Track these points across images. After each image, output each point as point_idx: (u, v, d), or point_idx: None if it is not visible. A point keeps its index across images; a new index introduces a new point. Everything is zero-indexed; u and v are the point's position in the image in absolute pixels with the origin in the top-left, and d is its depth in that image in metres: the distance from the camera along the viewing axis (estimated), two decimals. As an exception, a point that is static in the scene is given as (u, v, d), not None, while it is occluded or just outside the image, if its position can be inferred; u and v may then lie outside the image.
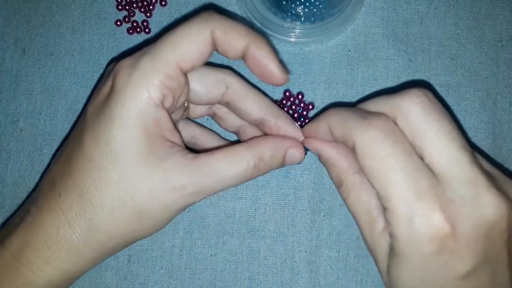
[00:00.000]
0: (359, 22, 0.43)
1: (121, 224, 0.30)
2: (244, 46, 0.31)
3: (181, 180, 0.30)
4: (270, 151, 0.33)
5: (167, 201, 0.30)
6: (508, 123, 0.42)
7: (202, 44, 0.30)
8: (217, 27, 0.30)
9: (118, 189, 0.29)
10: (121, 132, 0.29)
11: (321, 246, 0.40)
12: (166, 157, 0.30)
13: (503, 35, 0.43)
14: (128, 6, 0.45)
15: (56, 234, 0.30)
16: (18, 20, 0.45)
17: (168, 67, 0.30)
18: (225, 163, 0.31)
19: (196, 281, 0.40)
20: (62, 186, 0.30)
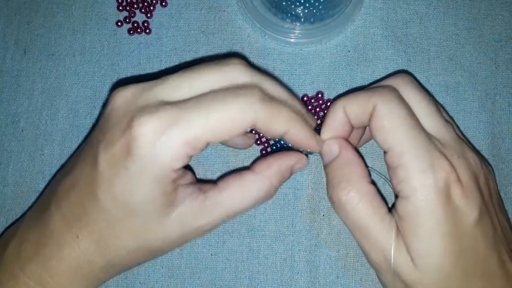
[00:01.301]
0: (359, 22, 0.44)
1: (136, 260, 0.33)
2: (283, 133, 0.31)
3: (195, 223, 0.31)
4: (277, 175, 0.33)
5: (180, 240, 0.32)
6: (507, 123, 0.42)
7: (238, 130, 0.29)
8: (259, 119, 0.29)
9: (133, 237, 0.31)
10: (140, 195, 0.29)
11: (321, 245, 0.40)
12: (179, 203, 0.31)
13: (502, 36, 0.43)
14: (129, 6, 0.45)
15: (78, 268, 0.32)
16: (19, 21, 0.46)
17: (197, 142, 0.29)
18: (234, 199, 0.32)
19: (196, 280, 0.40)
20: (78, 228, 0.31)
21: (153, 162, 0.28)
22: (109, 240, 0.31)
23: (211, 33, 0.44)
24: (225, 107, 0.29)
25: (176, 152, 0.28)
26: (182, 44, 0.44)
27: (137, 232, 0.31)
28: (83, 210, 0.31)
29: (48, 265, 0.32)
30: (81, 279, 0.32)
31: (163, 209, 0.30)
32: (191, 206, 0.31)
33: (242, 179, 0.32)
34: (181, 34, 0.44)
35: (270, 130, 0.30)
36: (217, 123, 0.29)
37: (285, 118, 0.31)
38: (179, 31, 0.44)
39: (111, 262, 0.32)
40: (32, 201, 0.42)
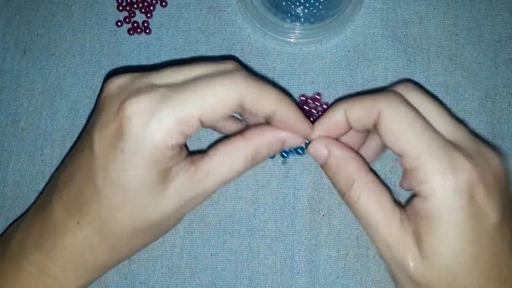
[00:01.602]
0: (359, 22, 0.44)
1: (138, 242, 0.34)
2: (271, 113, 0.31)
3: (189, 194, 0.32)
4: (266, 145, 0.33)
5: (178, 214, 0.33)
6: (507, 123, 0.42)
7: (228, 108, 0.30)
8: (247, 96, 0.30)
9: (132, 219, 0.31)
10: (136, 176, 0.30)
11: (321, 245, 0.40)
12: (173, 178, 0.31)
13: (502, 36, 0.43)
14: (129, 6, 0.45)
15: (81, 255, 0.33)
16: (19, 21, 0.46)
17: (190, 120, 0.29)
18: (224, 166, 0.32)
19: (197, 280, 0.40)
20: (79, 215, 0.32)
21: (147, 141, 0.29)
22: (109, 225, 0.31)
23: (211, 33, 0.44)
24: (215, 84, 0.30)
25: (169, 130, 0.29)
26: (182, 44, 0.44)
27: (136, 214, 0.31)
28: (83, 199, 0.32)
29: (51, 253, 0.32)
30: (84, 266, 0.33)
31: (159, 187, 0.30)
32: (184, 179, 0.31)
33: (230, 146, 0.32)
34: (181, 34, 0.44)
35: (259, 109, 0.31)
36: (207, 99, 0.30)
37: (273, 97, 0.31)
38: (179, 31, 0.44)
39: (113, 247, 0.32)
40: (32, 201, 0.42)
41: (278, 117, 0.32)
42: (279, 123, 0.32)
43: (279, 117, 0.32)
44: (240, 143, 0.33)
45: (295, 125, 0.32)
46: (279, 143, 0.33)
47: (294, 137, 0.33)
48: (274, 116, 0.32)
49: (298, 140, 0.34)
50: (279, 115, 0.31)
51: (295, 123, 0.32)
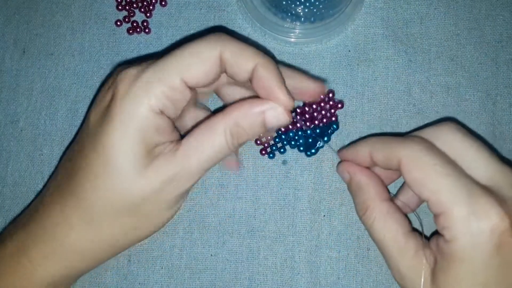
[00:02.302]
0: (359, 22, 0.44)
1: (118, 224, 0.32)
2: (252, 67, 0.30)
3: (169, 171, 0.31)
4: (245, 118, 0.31)
5: (159, 195, 0.31)
6: (508, 123, 0.42)
7: (209, 63, 0.30)
8: (226, 49, 0.30)
9: (114, 193, 0.30)
10: (119, 141, 0.29)
11: (321, 246, 0.40)
12: (158, 154, 0.31)
13: (503, 36, 0.43)
14: (128, 6, 0.45)
15: (59, 234, 0.31)
16: (18, 20, 0.45)
17: (172, 80, 0.30)
18: (203, 139, 0.31)
19: (196, 281, 0.40)
20: (65, 189, 0.32)
21: (132, 103, 0.29)
22: (88, 199, 0.31)
23: (211, 33, 0.44)
24: (194, 45, 0.30)
25: (153, 91, 0.29)
26: (182, 43, 0.44)
27: (115, 187, 0.30)
28: (72, 173, 0.31)
29: (32, 230, 0.32)
30: (60, 247, 0.32)
31: (142, 161, 0.30)
32: (166, 155, 0.31)
33: (210, 121, 0.32)
34: (180, 33, 0.44)
35: (238, 64, 0.30)
36: (187, 59, 0.30)
37: (253, 52, 0.31)
38: (179, 30, 0.44)
39: (92, 225, 0.31)
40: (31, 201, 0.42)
41: (259, 74, 0.30)
42: (260, 81, 0.31)
43: (260, 74, 0.30)
44: (218, 117, 0.32)
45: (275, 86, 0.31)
46: (258, 114, 0.31)
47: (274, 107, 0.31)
48: (255, 73, 0.30)
49: (279, 112, 0.31)
50: (259, 71, 0.30)
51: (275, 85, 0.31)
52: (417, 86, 0.42)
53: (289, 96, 0.31)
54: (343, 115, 0.42)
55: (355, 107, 0.42)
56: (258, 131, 0.32)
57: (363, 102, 0.42)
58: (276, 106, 0.31)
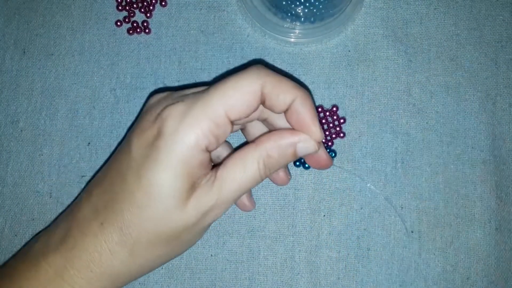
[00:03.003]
0: (359, 22, 0.44)
1: (157, 251, 0.33)
2: (291, 101, 0.32)
3: (209, 202, 0.31)
4: (277, 149, 0.33)
5: (198, 225, 0.32)
6: (508, 123, 0.42)
7: (252, 96, 0.31)
8: (267, 82, 0.31)
9: (155, 224, 0.31)
10: (165, 176, 0.30)
11: (321, 246, 0.40)
12: (197, 187, 0.31)
13: (503, 36, 0.43)
14: (128, 6, 0.45)
15: (99, 260, 0.32)
16: (18, 21, 0.45)
17: (217, 116, 0.30)
18: (237, 169, 0.32)
19: (196, 281, 0.40)
20: (104, 215, 0.32)
21: (180, 139, 0.30)
22: (130, 227, 0.31)
23: (210, 33, 0.44)
24: (237, 79, 0.31)
25: (200, 127, 0.30)
26: (182, 44, 0.44)
27: (158, 218, 0.31)
28: (111, 196, 0.32)
29: (70, 255, 0.32)
30: (100, 272, 0.32)
31: (184, 194, 0.31)
32: (204, 187, 0.31)
33: (242, 151, 0.33)
34: (180, 34, 0.44)
35: (278, 98, 0.31)
36: (231, 93, 0.31)
37: (292, 85, 0.32)
38: (179, 30, 0.44)
39: (131, 253, 0.32)
40: (31, 202, 0.42)
41: (296, 108, 0.32)
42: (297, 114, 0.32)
43: (297, 108, 0.32)
44: (251, 147, 0.33)
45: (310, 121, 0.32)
46: (290, 146, 0.33)
47: (306, 139, 0.33)
48: (293, 106, 0.32)
49: (310, 144, 0.33)
50: (298, 104, 0.32)
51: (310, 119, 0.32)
52: (417, 86, 0.42)
53: (321, 130, 0.33)
54: (343, 115, 0.42)
55: (355, 107, 0.42)
56: (289, 161, 0.34)
57: (363, 102, 0.42)
58: (308, 139, 0.33)
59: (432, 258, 0.40)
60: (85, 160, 0.42)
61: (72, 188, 0.42)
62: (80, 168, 0.42)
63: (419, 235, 0.40)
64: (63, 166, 0.42)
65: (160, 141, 0.30)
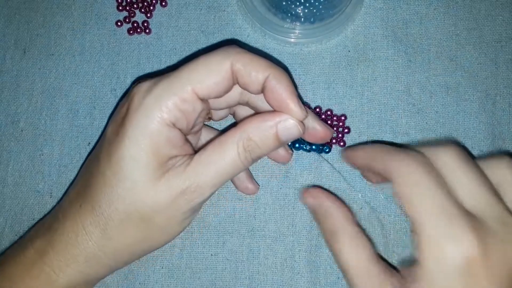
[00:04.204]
0: (359, 22, 0.44)
1: (131, 234, 0.32)
2: (264, 78, 0.30)
3: (181, 184, 0.31)
4: (257, 131, 0.31)
5: (171, 208, 0.31)
6: (507, 124, 0.42)
7: (219, 73, 0.30)
8: (237, 60, 0.30)
9: (124, 203, 0.31)
10: (132, 151, 0.30)
11: (321, 245, 0.40)
12: (171, 167, 0.31)
13: (502, 36, 0.43)
14: (129, 6, 0.45)
15: (75, 240, 0.32)
16: (18, 21, 0.45)
17: (183, 91, 0.30)
18: (215, 153, 0.31)
19: (197, 281, 0.40)
20: (83, 197, 0.33)
21: (144, 114, 0.30)
22: (101, 207, 0.31)
23: (211, 33, 0.44)
24: (206, 57, 0.31)
25: (164, 103, 0.30)
26: (182, 44, 0.44)
27: (126, 196, 0.31)
28: (88, 182, 0.32)
29: (52, 237, 0.33)
30: (77, 254, 0.32)
31: (154, 173, 0.30)
32: (178, 168, 0.31)
33: (222, 136, 0.31)
34: (180, 34, 0.44)
35: (250, 75, 0.30)
36: (198, 70, 0.30)
37: (265, 63, 0.31)
38: (179, 31, 0.44)
39: (105, 233, 0.32)
40: (31, 201, 0.42)
41: (271, 85, 0.30)
42: (272, 92, 0.30)
43: (272, 85, 0.30)
44: (230, 131, 0.31)
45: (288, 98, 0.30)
46: (270, 127, 0.31)
47: (285, 118, 0.31)
48: (267, 83, 0.30)
49: (290, 124, 0.31)
50: (272, 81, 0.30)
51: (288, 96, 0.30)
52: (416, 86, 0.42)
53: (301, 107, 0.31)
54: (342, 113, 0.42)
55: (355, 107, 0.42)
56: (271, 145, 0.31)
57: (363, 102, 0.42)
58: (287, 118, 0.31)
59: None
60: (86, 160, 0.42)
61: (72, 188, 0.42)
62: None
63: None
64: (64, 166, 0.42)
65: (126, 118, 0.30)
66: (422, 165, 0.30)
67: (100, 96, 0.44)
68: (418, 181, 0.29)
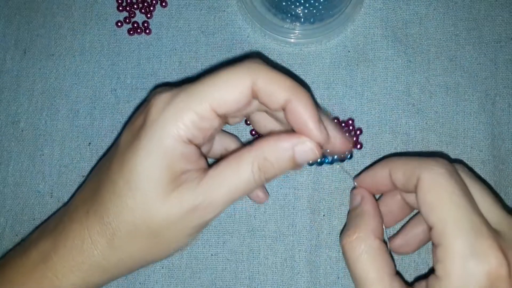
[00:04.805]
0: (359, 23, 0.44)
1: (137, 246, 0.32)
2: (285, 100, 0.29)
3: (193, 200, 0.30)
4: (273, 152, 0.30)
5: (180, 223, 0.31)
6: (507, 124, 0.42)
7: (240, 91, 0.29)
8: (259, 78, 0.29)
9: (133, 215, 0.30)
10: (145, 164, 0.29)
11: (321, 245, 0.40)
12: (183, 182, 0.30)
13: (502, 36, 0.43)
14: (129, 7, 0.45)
15: (80, 247, 0.32)
16: (19, 21, 0.45)
17: (202, 109, 0.29)
18: (229, 171, 0.30)
19: (197, 281, 0.40)
20: (90, 204, 0.32)
21: (160, 129, 0.29)
22: (110, 216, 0.31)
23: (211, 33, 0.44)
24: (227, 72, 0.30)
25: (181, 119, 0.29)
26: (182, 44, 0.44)
27: (136, 208, 0.30)
28: (98, 185, 0.32)
29: (56, 241, 0.32)
30: (81, 262, 0.32)
31: (166, 187, 0.30)
32: (190, 184, 0.30)
33: (237, 153, 0.31)
34: (181, 34, 0.44)
35: (271, 95, 0.29)
36: (218, 86, 0.29)
37: (287, 83, 0.30)
38: (179, 31, 0.44)
39: (112, 243, 0.31)
40: (32, 202, 0.42)
41: (292, 106, 0.29)
42: (293, 114, 0.30)
43: (293, 106, 0.29)
44: (246, 149, 0.31)
45: (308, 121, 0.29)
46: (287, 149, 0.30)
47: (303, 141, 0.30)
48: (288, 104, 0.29)
49: (307, 147, 0.30)
50: (294, 102, 0.29)
51: (308, 119, 0.29)
52: (416, 86, 0.42)
53: (323, 132, 0.30)
54: (343, 115, 0.42)
55: (355, 107, 0.42)
56: (286, 166, 0.31)
57: (362, 102, 0.42)
58: (305, 141, 0.30)
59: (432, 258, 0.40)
60: (86, 160, 0.42)
61: (73, 188, 0.42)
62: (81, 168, 0.42)
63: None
64: (64, 166, 0.42)
65: (143, 130, 0.30)
66: (449, 171, 0.29)
67: (100, 96, 0.44)
68: (445, 187, 0.28)
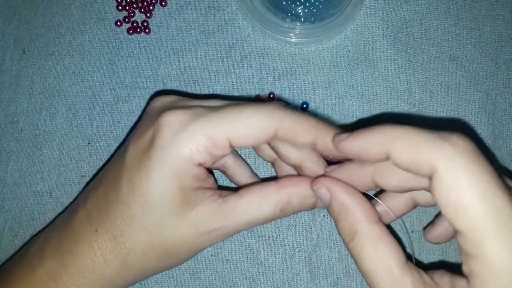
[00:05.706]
0: (359, 22, 0.44)
1: (151, 264, 0.32)
2: (310, 142, 0.30)
3: (210, 225, 0.31)
4: (298, 197, 0.31)
5: (194, 244, 0.31)
6: (508, 123, 0.42)
7: (260, 133, 0.29)
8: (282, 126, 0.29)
9: (149, 235, 0.31)
10: (158, 186, 0.30)
11: (321, 246, 0.40)
12: (197, 204, 0.30)
13: (503, 36, 0.43)
14: (128, 6, 0.45)
15: (92, 267, 0.32)
16: (18, 20, 0.45)
17: (218, 139, 0.29)
18: (252, 207, 0.31)
19: (196, 281, 0.40)
20: (98, 222, 0.32)
21: (174, 152, 0.29)
22: (124, 237, 0.31)
23: (210, 33, 0.44)
24: (251, 109, 0.30)
25: (196, 144, 0.29)
26: (182, 44, 0.44)
27: (152, 229, 0.30)
28: (105, 205, 0.32)
29: (64, 260, 0.32)
30: (93, 279, 0.32)
31: (179, 207, 0.30)
32: (208, 207, 0.30)
33: (263, 188, 0.32)
34: (180, 34, 0.44)
35: (296, 139, 0.30)
36: (240, 122, 0.29)
37: (311, 125, 0.29)
38: (179, 30, 0.44)
39: (125, 262, 0.31)
40: (31, 201, 0.42)
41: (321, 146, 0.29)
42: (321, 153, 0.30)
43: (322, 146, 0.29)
44: (273, 187, 0.31)
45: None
46: (311, 196, 0.31)
47: None
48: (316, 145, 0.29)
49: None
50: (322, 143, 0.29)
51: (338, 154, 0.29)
52: (417, 86, 0.42)
53: None
54: (343, 115, 0.42)
55: (355, 107, 0.42)
56: (306, 209, 0.32)
57: (363, 102, 0.42)
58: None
59: (432, 258, 0.40)
60: (85, 160, 0.42)
61: (72, 188, 0.42)
62: (80, 168, 0.42)
63: (419, 235, 0.40)
64: (63, 166, 0.42)
65: (153, 149, 0.30)
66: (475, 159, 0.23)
67: (99, 96, 0.43)
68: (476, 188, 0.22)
